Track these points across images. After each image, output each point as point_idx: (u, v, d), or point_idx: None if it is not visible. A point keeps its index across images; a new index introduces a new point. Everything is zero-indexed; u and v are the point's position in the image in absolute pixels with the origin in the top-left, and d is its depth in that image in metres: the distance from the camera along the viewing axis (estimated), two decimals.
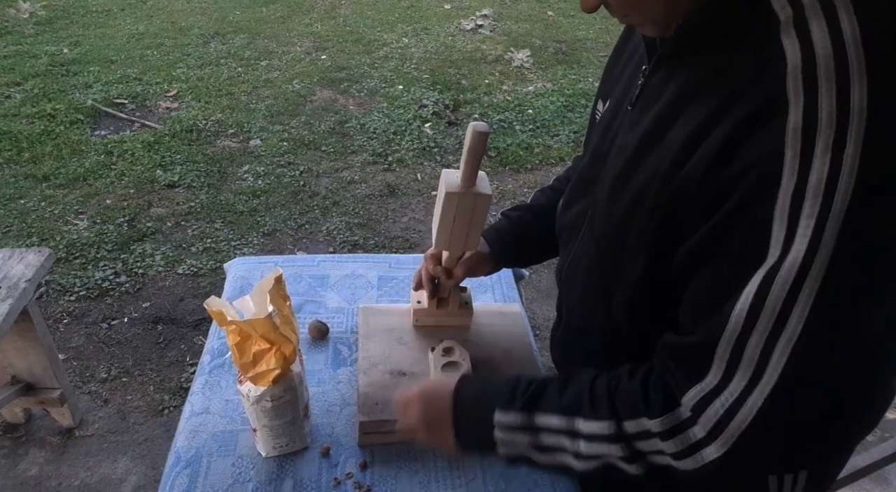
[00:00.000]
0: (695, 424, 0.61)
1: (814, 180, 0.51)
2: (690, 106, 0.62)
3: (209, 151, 3.66)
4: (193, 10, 5.85)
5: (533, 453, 0.72)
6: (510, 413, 0.72)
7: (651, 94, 0.70)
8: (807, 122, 0.51)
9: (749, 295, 0.55)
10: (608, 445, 0.66)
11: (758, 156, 0.53)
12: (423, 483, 0.93)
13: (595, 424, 0.67)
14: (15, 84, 4.30)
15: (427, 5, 6.17)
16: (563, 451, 0.70)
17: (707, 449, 0.61)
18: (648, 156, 0.66)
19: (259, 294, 0.87)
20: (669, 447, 0.63)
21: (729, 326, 0.57)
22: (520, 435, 0.72)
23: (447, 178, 0.89)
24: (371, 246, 2.95)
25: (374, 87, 4.45)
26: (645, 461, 0.66)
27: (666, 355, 0.66)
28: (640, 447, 0.65)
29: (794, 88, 0.52)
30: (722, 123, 0.57)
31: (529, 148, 3.77)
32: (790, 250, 0.52)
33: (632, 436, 0.65)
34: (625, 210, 0.70)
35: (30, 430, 2.07)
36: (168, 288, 2.69)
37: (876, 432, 2.15)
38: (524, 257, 1.15)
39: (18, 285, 1.68)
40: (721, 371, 0.59)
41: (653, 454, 0.65)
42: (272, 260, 1.40)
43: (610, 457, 0.67)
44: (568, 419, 0.69)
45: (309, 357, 1.14)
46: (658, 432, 0.63)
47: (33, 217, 3.05)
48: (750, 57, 0.57)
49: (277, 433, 0.93)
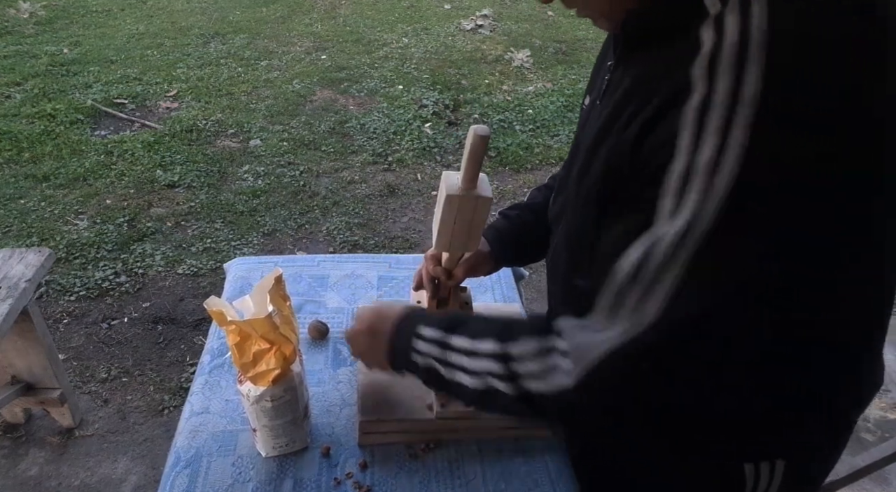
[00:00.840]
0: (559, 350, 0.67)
1: (703, 160, 0.54)
2: (634, 98, 0.65)
3: (209, 151, 3.66)
4: (193, 10, 5.85)
5: (438, 367, 0.78)
6: (432, 328, 0.80)
7: (611, 89, 0.74)
8: (703, 105, 0.54)
9: (638, 251, 0.60)
10: (490, 362, 0.72)
11: (660, 138, 0.58)
12: (423, 483, 0.93)
13: (488, 343, 0.73)
14: (15, 84, 4.30)
15: (427, 5, 6.17)
16: (462, 369, 0.75)
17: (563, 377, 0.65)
18: (600, 150, 0.70)
19: (259, 294, 0.87)
20: (536, 366, 0.68)
21: (614, 279, 0.62)
22: (433, 347, 0.78)
23: (448, 180, 0.89)
24: (371, 246, 2.95)
25: (374, 87, 4.45)
26: (518, 384, 0.70)
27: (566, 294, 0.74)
28: (517, 369, 0.70)
29: (700, 75, 0.55)
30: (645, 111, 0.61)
31: (529, 148, 3.77)
32: (676, 219, 0.56)
33: (513, 356, 0.71)
34: (585, 201, 0.74)
35: (30, 430, 2.07)
36: (168, 288, 2.69)
37: (876, 433, 2.15)
38: (524, 256, 1.15)
39: (18, 285, 1.68)
40: (597, 314, 0.65)
41: (526, 378, 0.69)
42: (272, 260, 1.40)
43: (490, 375, 0.72)
44: (472, 341, 0.75)
45: (309, 357, 1.14)
46: (531, 350, 0.69)
47: (33, 217, 3.05)
48: (675, 50, 0.60)
49: (277, 433, 0.93)
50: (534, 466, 0.97)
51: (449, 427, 0.98)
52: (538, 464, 0.97)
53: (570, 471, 0.97)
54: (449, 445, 0.99)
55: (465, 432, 0.99)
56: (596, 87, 0.84)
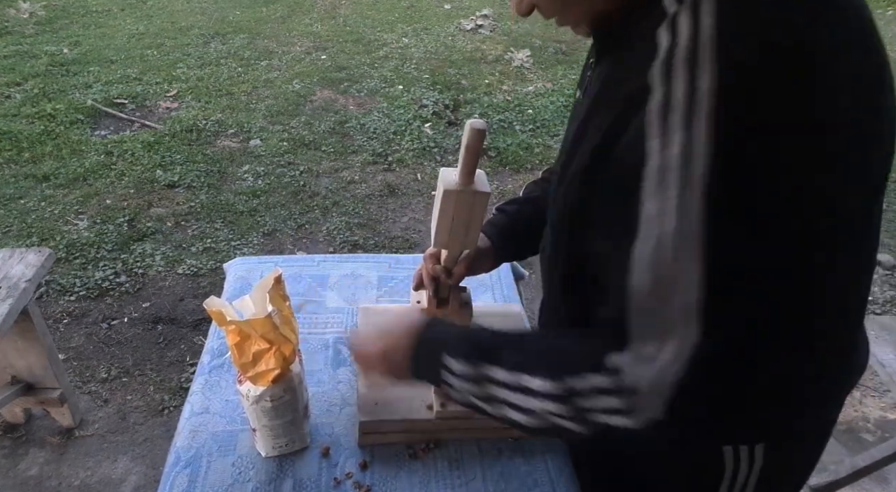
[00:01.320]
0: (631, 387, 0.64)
1: (673, 154, 0.55)
2: (601, 105, 0.67)
3: (209, 151, 3.67)
4: (193, 10, 5.85)
5: (480, 403, 0.74)
6: (458, 362, 0.74)
7: (591, 86, 0.75)
8: (664, 104, 0.56)
9: (641, 267, 0.59)
10: (551, 403, 0.68)
11: (628, 140, 0.59)
12: (422, 483, 0.93)
13: (538, 381, 0.68)
14: (15, 84, 4.30)
15: (427, 5, 6.17)
16: (508, 405, 0.71)
17: (649, 410, 0.63)
18: (580, 145, 0.71)
19: (259, 294, 0.87)
20: (614, 403, 0.64)
21: (633, 299, 0.61)
22: (467, 384, 0.74)
23: (445, 176, 0.89)
24: (371, 246, 2.95)
25: (374, 87, 4.45)
26: (589, 420, 0.67)
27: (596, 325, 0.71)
28: (584, 405, 0.66)
29: (659, 75, 0.56)
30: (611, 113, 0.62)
31: (529, 148, 3.77)
32: (664, 222, 0.56)
33: (578, 392, 0.66)
34: (565, 197, 0.75)
35: (30, 430, 2.07)
36: (168, 288, 2.69)
37: (876, 433, 2.15)
38: (524, 250, 1.15)
39: (18, 285, 1.68)
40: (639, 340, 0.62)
41: (597, 412, 0.66)
42: (272, 260, 1.40)
43: (553, 415, 0.68)
44: (515, 374, 0.70)
45: (308, 357, 1.14)
46: (603, 388, 0.65)
47: (33, 217, 3.05)
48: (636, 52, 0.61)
49: (277, 433, 0.93)
50: (534, 466, 0.97)
51: (449, 427, 0.98)
52: (538, 464, 0.97)
53: (571, 471, 0.97)
54: (449, 445, 0.99)
55: (465, 432, 0.99)
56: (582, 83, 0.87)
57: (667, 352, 0.60)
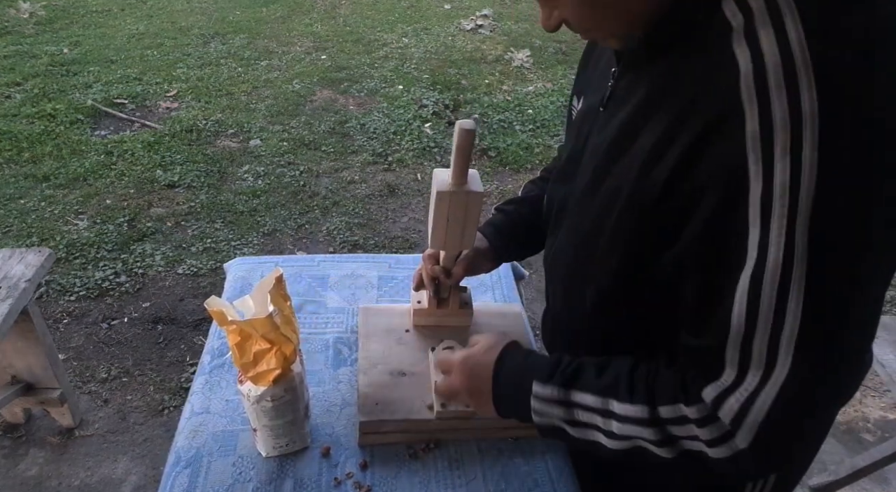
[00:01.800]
0: (719, 418, 0.64)
1: (778, 183, 0.53)
2: (656, 112, 0.64)
3: (209, 151, 3.67)
4: (193, 10, 5.85)
5: (566, 426, 0.75)
6: (548, 386, 0.75)
7: (620, 98, 0.72)
8: (763, 128, 0.54)
9: (743, 298, 0.58)
10: (641, 427, 0.68)
11: (721, 164, 0.56)
12: (423, 483, 0.93)
13: (630, 407, 0.69)
14: (15, 84, 4.30)
15: (427, 5, 6.17)
16: (595, 428, 0.73)
17: (734, 440, 0.63)
18: (619, 160, 0.69)
19: (260, 294, 0.87)
20: (704, 434, 0.65)
21: (732, 330, 0.60)
22: (555, 408, 0.75)
23: (438, 177, 0.89)
24: (371, 246, 2.95)
25: (374, 87, 4.45)
26: (677, 446, 0.68)
27: (684, 355, 0.69)
28: (674, 432, 0.67)
29: (748, 97, 0.54)
30: (684, 131, 0.59)
31: (529, 148, 3.77)
32: (769, 251, 0.55)
33: (666, 420, 0.67)
34: (599, 210, 0.73)
35: (30, 430, 2.07)
36: (168, 288, 2.69)
37: (876, 433, 2.15)
38: (523, 250, 1.15)
39: (18, 285, 1.68)
40: (734, 371, 0.62)
41: (686, 440, 0.67)
42: (272, 260, 1.40)
43: (642, 439, 0.69)
44: (604, 399, 0.71)
45: (309, 357, 1.14)
46: (694, 417, 0.65)
47: (33, 217, 3.05)
48: (704, 65, 0.59)
49: (278, 433, 0.93)
50: (534, 466, 0.97)
51: (449, 427, 0.98)
52: (538, 464, 0.97)
53: (571, 471, 0.97)
54: (449, 445, 0.99)
55: (465, 432, 0.99)
56: (591, 91, 0.83)
57: (762, 383, 0.60)
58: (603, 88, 0.77)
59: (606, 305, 0.78)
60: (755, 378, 0.60)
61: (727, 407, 0.62)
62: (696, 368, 0.66)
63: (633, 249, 0.70)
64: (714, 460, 0.65)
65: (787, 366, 0.58)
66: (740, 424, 0.62)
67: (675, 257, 0.65)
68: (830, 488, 1.81)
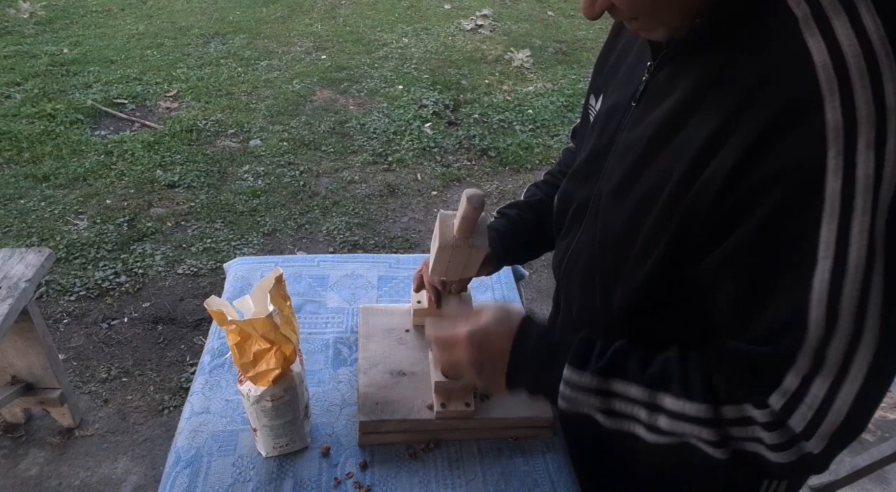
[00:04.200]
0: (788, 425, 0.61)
1: (861, 177, 0.51)
2: (703, 105, 0.61)
3: (209, 151, 3.67)
4: (193, 10, 5.85)
5: (597, 415, 0.70)
6: (584, 374, 0.69)
7: (657, 92, 0.69)
8: (846, 120, 0.51)
9: (822, 301, 0.55)
10: (698, 426, 0.64)
11: (794, 156, 0.53)
12: (423, 483, 0.93)
13: (686, 403, 0.64)
14: (15, 84, 4.30)
15: (427, 5, 6.16)
16: (636, 420, 0.68)
17: (806, 444, 0.60)
18: (659, 155, 0.66)
19: (259, 294, 0.87)
20: (771, 438, 0.61)
21: (809, 335, 0.56)
22: (591, 397, 0.69)
23: (443, 223, 0.85)
24: (371, 246, 2.95)
25: (374, 87, 4.45)
26: (734, 446, 0.64)
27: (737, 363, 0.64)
28: (734, 433, 0.63)
29: (829, 87, 0.52)
30: (746, 124, 0.56)
31: (529, 148, 3.77)
32: (849, 250, 0.52)
33: (729, 421, 0.63)
34: (633, 209, 0.69)
35: (30, 430, 2.07)
36: (168, 288, 2.69)
37: (876, 433, 2.15)
38: (525, 254, 1.15)
39: (18, 285, 1.68)
40: (800, 377, 0.58)
41: (746, 441, 0.63)
42: (272, 260, 1.40)
43: (693, 437, 0.64)
44: (651, 392, 0.66)
45: (309, 357, 1.14)
46: (762, 422, 0.62)
47: (33, 217, 3.05)
48: (765, 56, 0.56)
49: (277, 433, 0.93)
50: (534, 466, 0.97)
51: (449, 427, 0.98)
52: (538, 464, 0.97)
53: (570, 471, 0.97)
54: (449, 445, 0.99)
55: (465, 432, 0.99)
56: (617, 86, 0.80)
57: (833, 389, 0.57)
58: (633, 84, 0.74)
59: (636, 306, 0.74)
60: (824, 385, 0.57)
61: (798, 416, 0.59)
62: (756, 368, 0.62)
63: (673, 248, 0.66)
64: (774, 464, 0.62)
65: (865, 371, 0.55)
66: (814, 432, 0.59)
67: (724, 256, 0.61)
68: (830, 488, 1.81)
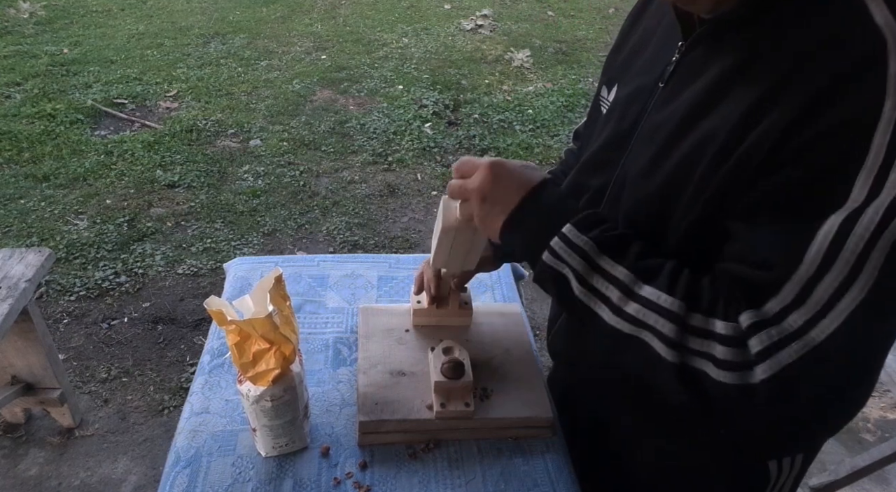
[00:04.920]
0: (746, 345, 0.60)
1: None
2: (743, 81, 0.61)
3: (209, 151, 3.67)
4: (193, 10, 5.85)
5: (573, 280, 0.68)
6: (582, 236, 0.68)
7: (689, 71, 0.69)
8: None
9: (827, 237, 0.54)
10: (663, 319, 0.63)
11: (856, 108, 0.53)
12: (422, 483, 0.93)
13: (663, 295, 0.64)
14: (15, 84, 4.30)
15: (427, 5, 6.17)
16: (605, 301, 0.66)
17: (751, 372, 0.59)
18: (693, 131, 0.65)
19: (259, 294, 0.87)
20: (723, 353, 0.61)
21: (803, 265, 0.56)
22: (576, 258, 0.68)
23: (447, 206, 0.85)
24: (371, 246, 2.95)
25: (374, 87, 4.45)
26: (685, 356, 0.63)
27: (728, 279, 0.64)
28: (691, 343, 0.62)
29: (894, 42, 0.52)
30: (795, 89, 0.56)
31: (529, 148, 3.77)
32: (876, 197, 0.52)
33: (692, 328, 0.63)
34: (665, 184, 0.68)
35: (30, 430, 2.07)
36: (168, 288, 2.69)
37: (876, 433, 2.15)
38: None
39: (18, 285, 1.68)
40: (781, 305, 0.58)
41: (697, 356, 0.62)
42: (272, 260, 1.40)
43: (654, 331, 0.64)
44: (634, 279, 0.65)
45: (308, 357, 1.14)
46: (720, 334, 0.61)
47: (33, 217, 3.05)
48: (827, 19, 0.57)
49: (277, 433, 0.93)
50: (534, 466, 0.97)
51: (449, 427, 0.98)
52: (538, 464, 0.97)
53: (570, 471, 0.97)
54: (449, 445, 0.99)
55: (464, 432, 0.99)
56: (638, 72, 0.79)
57: (806, 328, 0.56)
58: (659, 66, 0.74)
59: None
60: (799, 320, 0.57)
61: (761, 337, 0.58)
62: (743, 291, 0.62)
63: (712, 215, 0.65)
64: (715, 382, 0.60)
65: (835, 324, 0.55)
66: (766, 358, 0.58)
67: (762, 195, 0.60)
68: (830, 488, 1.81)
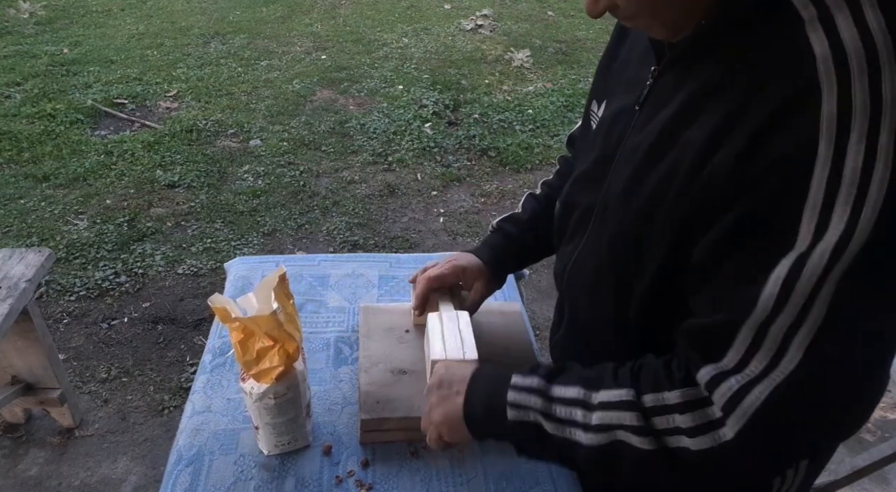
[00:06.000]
0: (710, 402, 0.61)
1: (849, 169, 0.51)
2: (708, 105, 0.62)
3: (209, 151, 3.67)
4: (193, 10, 5.85)
5: (543, 423, 0.71)
6: (529, 377, 0.73)
7: (662, 95, 0.70)
8: (841, 111, 0.51)
9: (778, 281, 0.55)
10: (623, 412, 0.65)
11: (790, 145, 0.54)
12: (424, 481, 0.94)
13: (613, 392, 0.67)
14: (15, 84, 4.30)
15: (427, 5, 6.17)
16: (575, 424, 0.69)
17: (722, 429, 0.60)
18: (665, 155, 0.66)
19: (263, 291, 0.87)
20: (686, 421, 0.62)
21: (756, 311, 0.57)
22: (533, 397, 0.72)
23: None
24: (371, 246, 2.95)
25: (374, 87, 4.45)
26: (659, 439, 0.64)
27: (685, 338, 0.66)
28: (657, 424, 0.64)
29: (827, 79, 0.52)
30: (747, 118, 0.57)
31: (529, 148, 3.78)
32: (822, 238, 0.52)
33: (650, 409, 0.64)
34: (641, 208, 0.70)
35: (30, 430, 2.07)
36: (168, 288, 2.69)
37: (876, 433, 2.15)
38: (522, 266, 1.18)
39: (18, 285, 1.68)
40: (739, 354, 0.59)
41: (668, 434, 0.63)
42: (273, 260, 1.40)
43: (622, 428, 0.65)
44: (587, 391, 0.69)
45: (310, 356, 1.14)
46: (676, 403, 0.63)
47: (33, 217, 3.05)
48: (768, 56, 0.57)
49: (279, 431, 0.93)
50: (535, 464, 0.97)
51: None
52: (539, 462, 0.97)
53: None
54: None
55: None
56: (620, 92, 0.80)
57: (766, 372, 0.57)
58: (637, 88, 0.75)
59: (651, 305, 0.74)
60: (759, 366, 0.57)
61: (723, 389, 0.59)
62: (698, 349, 0.63)
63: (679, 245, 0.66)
64: (695, 453, 0.61)
65: (796, 361, 0.56)
66: (733, 409, 0.59)
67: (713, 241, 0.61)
68: (830, 488, 1.81)
